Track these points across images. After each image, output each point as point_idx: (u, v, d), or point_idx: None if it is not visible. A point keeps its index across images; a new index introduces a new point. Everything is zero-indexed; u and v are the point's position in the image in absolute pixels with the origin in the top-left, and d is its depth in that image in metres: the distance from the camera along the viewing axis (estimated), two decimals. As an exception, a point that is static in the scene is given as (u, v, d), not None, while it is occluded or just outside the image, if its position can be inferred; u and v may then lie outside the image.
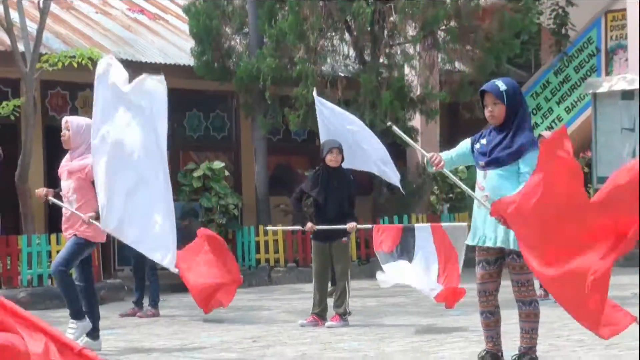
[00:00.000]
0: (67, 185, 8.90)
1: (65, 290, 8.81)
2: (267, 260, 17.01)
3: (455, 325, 9.60)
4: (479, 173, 6.96)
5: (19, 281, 14.30)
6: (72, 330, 8.57)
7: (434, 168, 6.94)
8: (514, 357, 6.86)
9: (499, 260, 6.87)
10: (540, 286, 11.85)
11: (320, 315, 10.33)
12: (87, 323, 8.69)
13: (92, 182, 8.68)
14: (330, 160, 10.49)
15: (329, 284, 10.85)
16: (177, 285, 15.63)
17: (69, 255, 8.79)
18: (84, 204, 8.74)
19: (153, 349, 8.83)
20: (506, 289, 6.96)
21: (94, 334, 8.76)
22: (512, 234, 6.68)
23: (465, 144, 7.08)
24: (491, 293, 6.93)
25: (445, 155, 7.08)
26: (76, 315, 8.70)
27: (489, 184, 6.82)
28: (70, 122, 8.97)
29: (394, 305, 12.11)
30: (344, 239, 10.47)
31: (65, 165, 8.96)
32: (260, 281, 16.35)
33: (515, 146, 6.79)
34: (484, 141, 6.95)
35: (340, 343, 8.75)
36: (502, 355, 6.94)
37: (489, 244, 6.81)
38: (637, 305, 11.11)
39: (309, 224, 10.56)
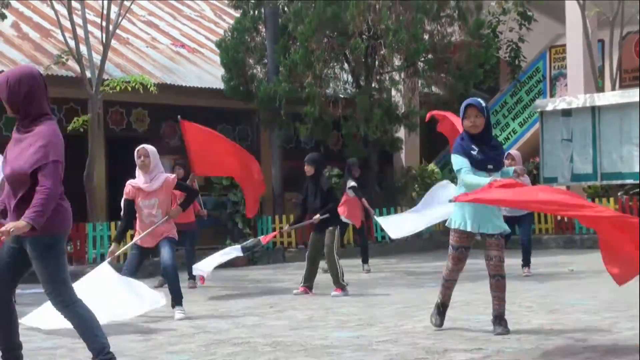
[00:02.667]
0: (151, 203, 8.59)
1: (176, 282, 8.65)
2: (282, 243, 17.03)
3: (431, 295, 9.63)
4: (481, 174, 6.71)
5: (86, 259, 14.38)
6: (180, 315, 8.45)
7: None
8: (492, 320, 6.84)
9: (470, 244, 6.90)
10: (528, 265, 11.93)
11: (309, 287, 10.37)
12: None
13: (177, 187, 8.81)
14: (306, 171, 10.62)
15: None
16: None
17: (174, 254, 8.69)
18: (164, 214, 8.62)
19: (192, 313, 8.85)
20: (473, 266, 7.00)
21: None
22: (492, 218, 6.78)
23: (468, 164, 6.73)
24: (460, 270, 6.99)
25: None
26: (179, 301, 8.61)
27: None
28: (149, 150, 8.64)
29: (383, 279, 12.12)
30: (330, 227, 10.38)
31: (145, 187, 8.58)
32: (276, 259, 16.36)
33: (501, 151, 7.00)
34: (476, 150, 6.77)
35: (340, 309, 8.78)
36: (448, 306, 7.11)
37: (467, 228, 6.76)
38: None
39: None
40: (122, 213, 8.87)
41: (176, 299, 8.59)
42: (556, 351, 5.87)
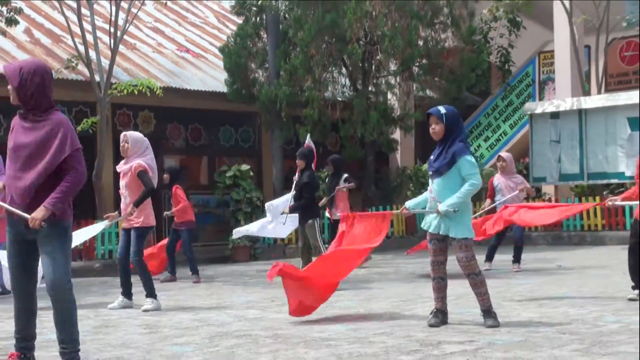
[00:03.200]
0: (122, 184, 8.80)
1: (143, 274, 8.66)
2: (283, 240, 17.04)
3: (425, 289, 9.64)
4: (430, 180, 7.00)
5: (95, 255, 14.39)
6: (148, 306, 8.52)
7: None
8: (482, 314, 6.82)
9: (445, 238, 6.86)
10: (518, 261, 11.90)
11: None
12: (158, 302, 8.64)
13: (138, 175, 8.60)
14: (298, 166, 10.77)
15: None
16: (214, 258, 15.76)
17: (139, 246, 8.71)
18: (132, 198, 8.64)
19: (195, 306, 8.86)
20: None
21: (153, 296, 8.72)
22: (451, 223, 6.74)
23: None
24: (442, 263, 6.91)
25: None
26: (152, 294, 8.63)
27: (434, 188, 6.85)
28: (130, 136, 8.82)
29: (379, 274, 12.12)
30: (309, 221, 10.50)
31: (119, 168, 8.87)
32: (278, 255, 16.35)
33: (449, 156, 6.76)
34: (432, 156, 6.95)
35: (338, 302, 8.77)
36: (447, 312, 6.97)
37: (433, 230, 6.83)
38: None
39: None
40: None
41: (149, 290, 8.67)
42: (545, 343, 5.87)
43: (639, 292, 8.09)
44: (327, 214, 13.76)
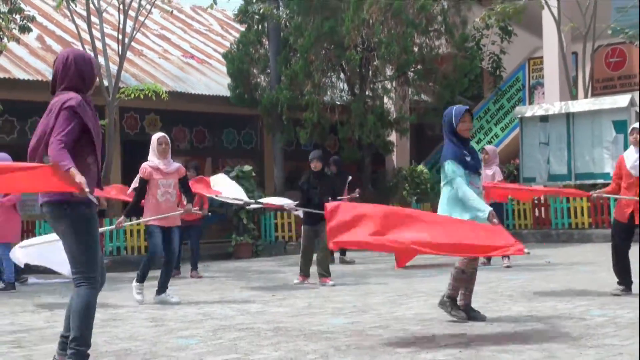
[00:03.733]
0: (168, 183, 8.76)
1: (147, 268, 8.78)
2: (283, 237, 17.04)
3: (420, 284, 9.65)
4: (474, 176, 6.63)
5: (103, 251, 14.37)
6: (168, 298, 8.63)
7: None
8: (445, 296, 6.75)
9: None
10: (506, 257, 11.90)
11: (306, 274, 10.34)
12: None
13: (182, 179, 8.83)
14: (314, 167, 10.60)
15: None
16: (217, 255, 15.75)
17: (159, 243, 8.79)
18: (179, 198, 8.80)
19: (200, 301, 8.86)
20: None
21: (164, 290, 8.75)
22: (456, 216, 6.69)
23: (463, 172, 6.49)
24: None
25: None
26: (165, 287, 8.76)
27: (481, 183, 6.81)
28: (169, 139, 9.01)
29: (376, 270, 12.11)
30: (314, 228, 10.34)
31: (164, 169, 8.77)
32: (278, 252, 16.38)
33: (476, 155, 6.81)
34: (469, 156, 6.60)
35: (336, 297, 8.78)
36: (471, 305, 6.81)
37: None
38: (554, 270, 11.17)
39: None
40: (135, 190, 9.06)
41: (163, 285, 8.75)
42: (534, 336, 5.87)
43: (623, 288, 8.10)
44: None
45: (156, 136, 8.96)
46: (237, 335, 6.36)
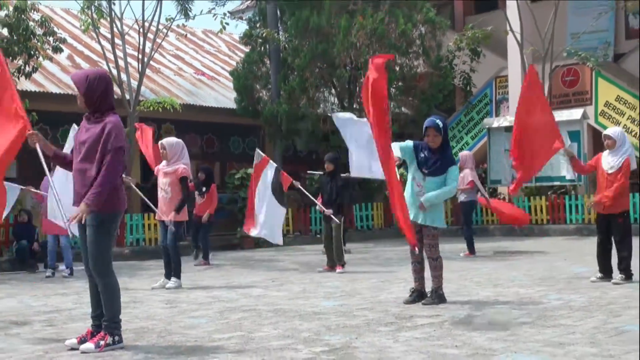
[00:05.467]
0: (164, 181, 8.66)
1: (177, 258, 8.65)
2: (282, 230, 16.99)
3: (401, 272, 9.65)
4: (419, 174, 6.75)
5: (125, 242, 14.34)
6: (172, 284, 8.52)
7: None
8: (429, 292, 6.80)
9: (421, 229, 6.78)
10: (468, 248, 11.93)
11: (331, 266, 10.18)
12: (180, 282, 8.61)
13: (180, 180, 8.59)
14: (326, 167, 10.55)
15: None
16: (224, 246, 15.71)
17: (179, 236, 8.78)
18: (174, 196, 8.60)
19: (209, 286, 8.84)
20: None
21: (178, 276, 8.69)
22: (427, 214, 6.70)
23: (409, 143, 6.83)
24: (420, 249, 6.79)
25: (398, 145, 6.79)
26: (178, 274, 8.64)
27: (427, 185, 6.72)
28: (166, 143, 8.74)
29: (362, 260, 12.11)
30: (339, 216, 10.27)
31: (163, 169, 8.74)
32: (277, 243, 16.30)
33: (445, 164, 6.72)
34: (423, 155, 6.73)
35: (327, 283, 8.77)
36: (425, 292, 6.87)
37: (414, 220, 6.71)
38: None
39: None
40: None
41: (176, 272, 8.65)
42: (499, 317, 5.87)
43: (601, 276, 8.05)
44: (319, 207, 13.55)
45: (160, 142, 8.96)
46: (242, 315, 6.34)
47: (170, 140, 8.84)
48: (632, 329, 5.16)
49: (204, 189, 12.26)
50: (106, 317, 4.96)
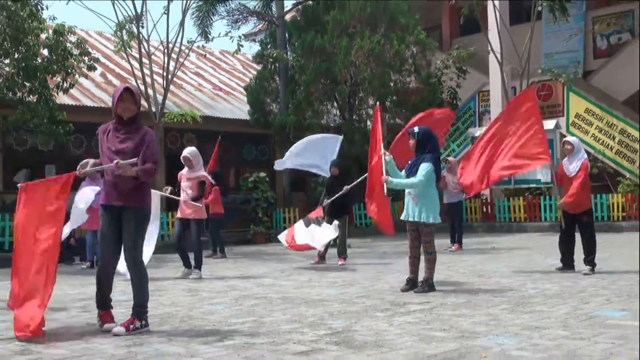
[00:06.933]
0: (187, 185, 8.72)
1: (199, 253, 8.65)
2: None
3: (396, 264, 9.64)
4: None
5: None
6: (195, 275, 8.52)
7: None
8: (421, 282, 6.79)
9: (417, 228, 6.84)
10: (454, 242, 11.91)
11: (344, 257, 10.08)
12: (201, 273, 8.59)
13: (199, 184, 8.65)
14: (332, 172, 10.51)
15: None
16: (239, 241, 15.71)
17: (200, 233, 8.75)
18: (194, 194, 8.66)
19: (226, 276, 8.84)
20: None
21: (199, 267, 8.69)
22: (422, 212, 6.69)
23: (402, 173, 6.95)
24: (417, 246, 6.85)
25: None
26: (199, 266, 8.63)
27: None
28: (190, 155, 8.75)
29: (361, 253, 12.11)
30: (344, 216, 10.26)
31: (187, 175, 8.79)
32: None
33: (419, 165, 6.72)
34: (410, 162, 6.90)
35: (330, 273, 8.77)
36: (418, 282, 6.87)
37: (409, 219, 6.77)
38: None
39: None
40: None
41: (197, 264, 8.64)
42: (482, 303, 5.86)
43: (561, 266, 8.06)
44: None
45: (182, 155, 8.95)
46: (254, 302, 6.34)
47: (193, 151, 8.88)
48: (600, 314, 5.15)
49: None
50: (136, 303, 4.96)
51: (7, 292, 5.14)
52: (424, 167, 6.69)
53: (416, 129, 6.87)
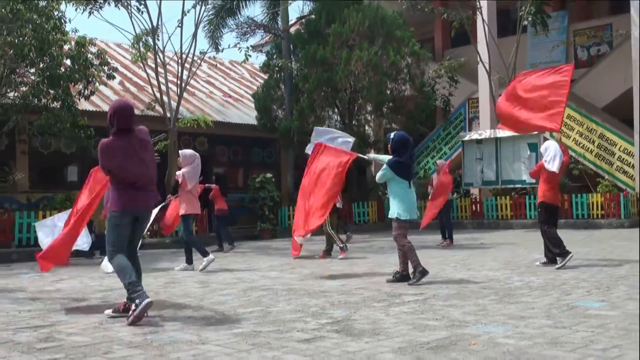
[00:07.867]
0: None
1: (196, 244, 8.66)
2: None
3: (392, 258, 9.63)
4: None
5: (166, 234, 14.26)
6: (203, 264, 8.49)
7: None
8: (412, 273, 6.74)
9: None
10: (445, 238, 11.86)
11: (344, 250, 10.09)
12: (210, 256, 8.54)
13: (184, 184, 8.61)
14: None
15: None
16: (246, 236, 15.70)
17: (188, 227, 8.67)
18: (180, 195, 8.66)
19: (234, 269, 8.83)
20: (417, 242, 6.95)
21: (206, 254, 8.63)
22: (391, 209, 6.76)
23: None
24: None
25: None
26: (204, 254, 8.59)
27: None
28: (181, 154, 8.84)
29: (359, 248, 12.07)
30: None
31: (178, 175, 8.81)
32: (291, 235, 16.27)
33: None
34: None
35: (331, 266, 8.76)
36: (409, 274, 6.84)
37: (388, 216, 6.84)
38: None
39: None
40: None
41: (201, 252, 8.60)
42: (471, 295, 5.86)
43: (546, 261, 8.01)
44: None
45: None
46: (261, 293, 6.33)
47: (185, 152, 8.86)
48: (581, 305, 5.14)
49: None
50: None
51: (34, 284, 5.16)
52: (385, 167, 6.82)
53: (391, 134, 6.90)
